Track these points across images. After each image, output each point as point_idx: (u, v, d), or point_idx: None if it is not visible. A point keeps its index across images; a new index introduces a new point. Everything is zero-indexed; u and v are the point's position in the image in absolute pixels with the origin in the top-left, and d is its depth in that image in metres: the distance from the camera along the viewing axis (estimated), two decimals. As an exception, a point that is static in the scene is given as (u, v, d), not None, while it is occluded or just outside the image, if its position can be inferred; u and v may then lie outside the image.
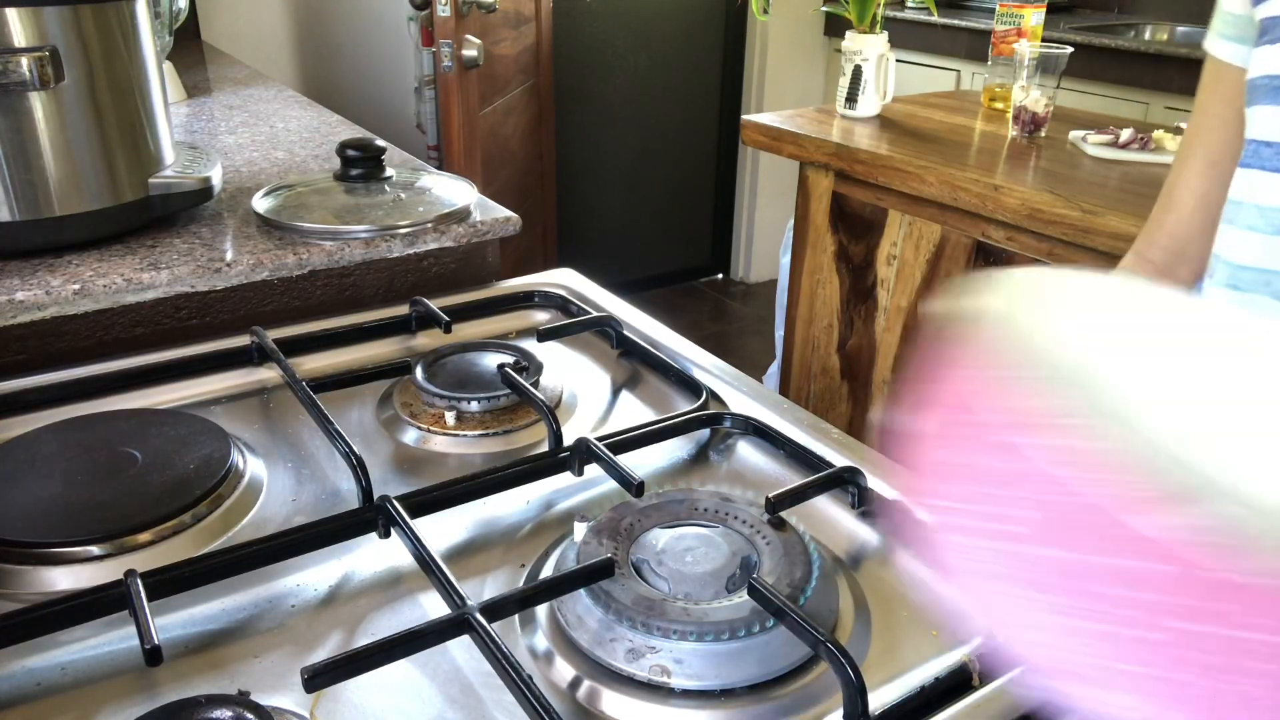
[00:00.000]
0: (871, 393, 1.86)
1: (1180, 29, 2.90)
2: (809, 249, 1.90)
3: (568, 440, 0.71)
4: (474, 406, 0.78)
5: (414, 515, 0.62)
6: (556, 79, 2.85)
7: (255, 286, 0.99)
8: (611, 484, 0.67)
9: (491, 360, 0.84)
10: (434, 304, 0.90)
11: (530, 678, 0.49)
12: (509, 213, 1.12)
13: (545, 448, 0.73)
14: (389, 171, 1.14)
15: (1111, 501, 0.28)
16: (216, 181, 1.06)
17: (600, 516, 0.62)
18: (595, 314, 0.93)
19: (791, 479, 0.70)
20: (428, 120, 2.42)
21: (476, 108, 2.20)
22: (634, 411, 0.82)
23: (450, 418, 0.78)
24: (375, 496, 0.63)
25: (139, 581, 0.55)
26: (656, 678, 0.52)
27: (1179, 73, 2.46)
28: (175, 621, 0.57)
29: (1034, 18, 1.95)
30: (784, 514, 0.62)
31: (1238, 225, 0.74)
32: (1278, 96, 0.67)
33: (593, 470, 0.69)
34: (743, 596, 0.55)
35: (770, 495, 0.62)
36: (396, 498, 0.63)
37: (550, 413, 0.73)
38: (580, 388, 0.85)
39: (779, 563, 0.58)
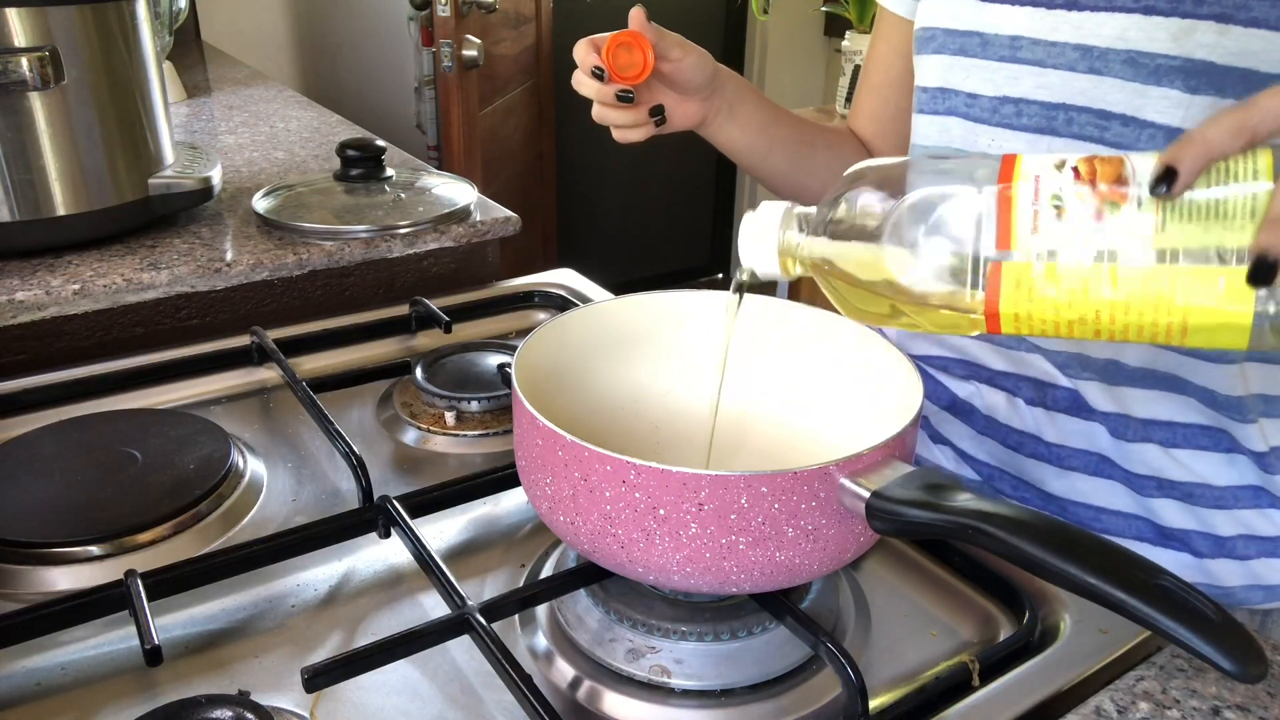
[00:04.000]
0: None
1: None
2: (809, 249, 1.90)
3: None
4: (474, 406, 0.78)
5: (414, 515, 0.62)
6: (556, 79, 2.85)
7: (255, 286, 0.99)
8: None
9: (491, 360, 0.84)
10: (434, 304, 0.90)
11: (530, 678, 0.49)
12: (509, 213, 1.12)
13: (545, 448, 0.73)
14: (389, 171, 1.14)
15: None
16: (216, 181, 1.06)
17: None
18: (595, 314, 0.93)
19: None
20: (428, 120, 2.42)
21: (476, 108, 2.20)
22: (634, 411, 0.82)
23: (450, 418, 0.78)
24: (375, 496, 0.63)
25: (139, 581, 0.55)
26: (656, 678, 0.52)
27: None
28: (175, 621, 0.57)
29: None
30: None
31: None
32: (927, 46, 0.73)
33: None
34: (743, 596, 0.55)
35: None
36: (396, 498, 0.63)
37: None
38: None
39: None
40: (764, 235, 0.54)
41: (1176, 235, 0.41)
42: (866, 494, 0.47)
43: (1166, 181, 0.41)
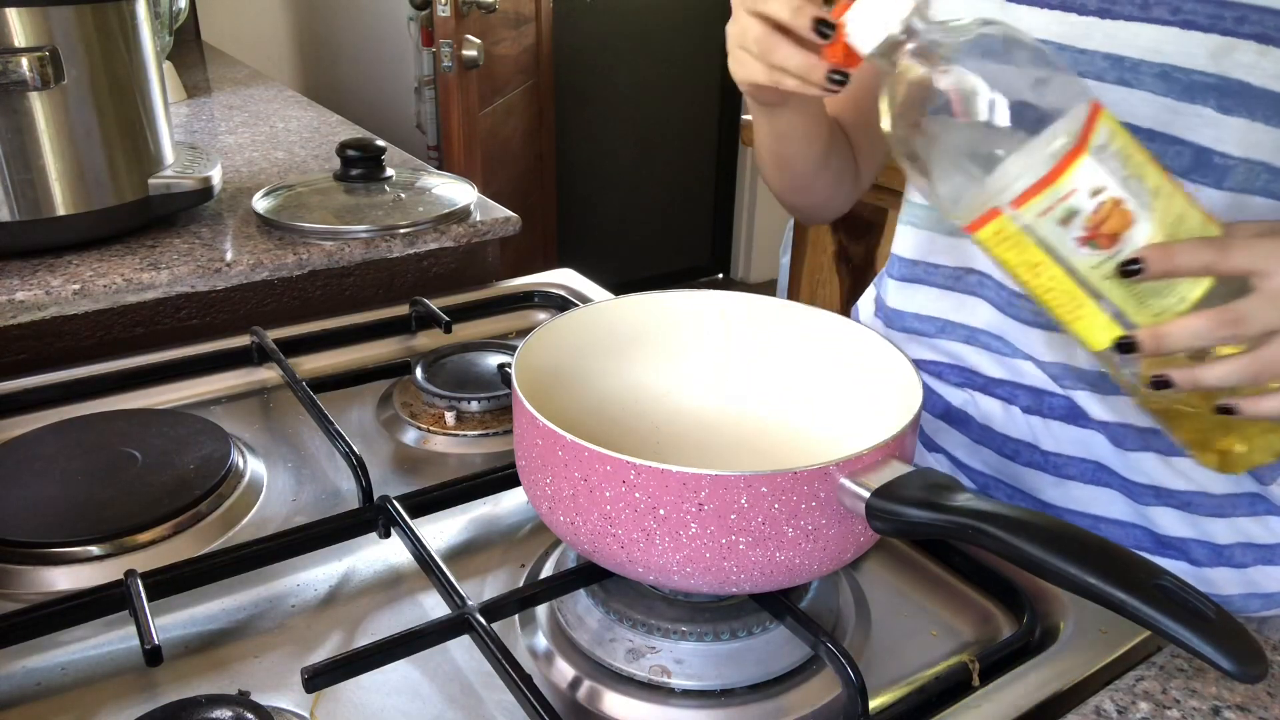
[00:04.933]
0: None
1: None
2: (809, 249, 1.90)
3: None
4: (474, 406, 0.78)
5: (414, 515, 0.62)
6: (556, 79, 2.85)
7: (255, 286, 0.99)
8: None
9: (491, 360, 0.84)
10: (434, 304, 0.90)
11: (530, 678, 0.49)
12: (509, 213, 1.12)
13: (545, 448, 0.73)
14: (389, 171, 1.14)
15: None
16: (216, 181, 1.06)
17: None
18: (595, 314, 0.93)
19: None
20: (428, 120, 2.42)
21: (476, 108, 2.20)
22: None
23: (450, 418, 0.78)
24: (375, 496, 0.63)
25: (139, 581, 0.55)
26: (656, 678, 0.52)
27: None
28: (175, 621, 0.57)
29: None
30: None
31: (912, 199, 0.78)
32: None
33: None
34: (743, 596, 0.55)
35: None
36: (396, 498, 0.63)
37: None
38: (580, 388, 0.85)
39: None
40: (889, 11, 0.52)
41: (1110, 287, 0.52)
42: (866, 494, 0.47)
43: (1134, 270, 0.50)
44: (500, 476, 0.67)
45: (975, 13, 0.68)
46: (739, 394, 0.67)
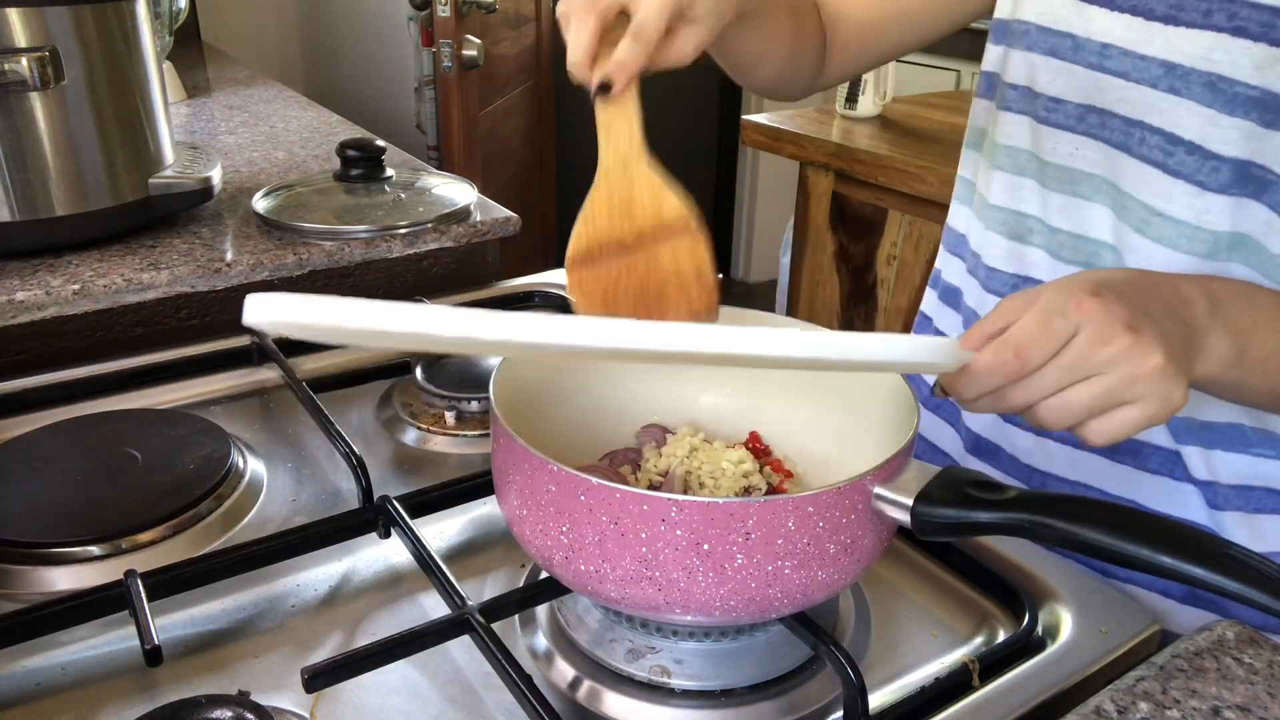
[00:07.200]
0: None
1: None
2: (809, 249, 1.90)
3: (568, 440, 0.71)
4: (474, 406, 0.78)
5: (414, 515, 0.62)
6: (556, 79, 2.85)
7: (255, 286, 0.99)
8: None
9: (492, 360, 0.84)
10: (434, 304, 0.90)
11: (530, 678, 0.49)
12: (509, 213, 1.12)
13: (545, 448, 0.73)
14: (389, 171, 1.14)
15: None
16: (216, 181, 1.06)
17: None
18: (595, 314, 0.93)
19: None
20: (428, 120, 2.42)
21: (476, 108, 2.20)
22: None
23: (450, 418, 0.78)
24: (375, 496, 0.63)
25: (139, 581, 0.55)
26: (656, 678, 0.52)
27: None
28: (175, 621, 0.57)
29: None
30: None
31: (990, 162, 0.76)
32: (1020, 42, 0.69)
33: (593, 470, 0.69)
34: (743, 596, 0.55)
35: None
36: (396, 498, 0.63)
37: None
38: (580, 388, 0.85)
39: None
40: None
41: None
42: (909, 501, 0.46)
43: None
44: (500, 476, 0.67)
45: (1050, 14, 0.67)
46: (724, 414, 0.67)
